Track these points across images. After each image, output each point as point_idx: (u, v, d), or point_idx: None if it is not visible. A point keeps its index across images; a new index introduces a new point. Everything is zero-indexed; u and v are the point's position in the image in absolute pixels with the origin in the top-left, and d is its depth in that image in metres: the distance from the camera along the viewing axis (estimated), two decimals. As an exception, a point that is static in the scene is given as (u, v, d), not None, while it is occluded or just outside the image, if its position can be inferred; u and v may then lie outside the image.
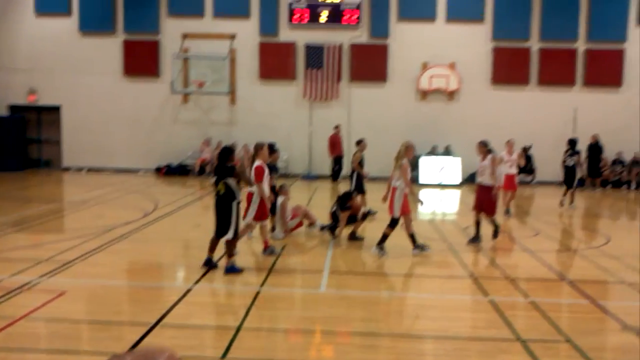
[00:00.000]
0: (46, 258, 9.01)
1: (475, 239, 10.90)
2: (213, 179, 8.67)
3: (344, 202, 11.06)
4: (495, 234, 10.88)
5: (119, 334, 6.20)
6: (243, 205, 9.37)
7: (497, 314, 6.94)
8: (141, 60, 22.78)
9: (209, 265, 8.66)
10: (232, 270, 8.48)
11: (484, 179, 10.82)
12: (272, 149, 11.02)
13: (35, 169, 23.01)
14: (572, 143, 16.32)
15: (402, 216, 9.72)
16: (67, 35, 22.87)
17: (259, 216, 9.61)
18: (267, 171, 9.61)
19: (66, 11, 22.75)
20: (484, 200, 10.78)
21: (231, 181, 8.37)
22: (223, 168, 8.43)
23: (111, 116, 22.93)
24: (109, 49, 22.81)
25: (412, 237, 9.93)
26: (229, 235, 8.44)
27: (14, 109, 23.29)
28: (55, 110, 23.19)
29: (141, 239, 10.90)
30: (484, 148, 10.93)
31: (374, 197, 13.31)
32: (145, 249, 10.24)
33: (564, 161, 16.30)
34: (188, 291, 7.62)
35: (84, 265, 8.76)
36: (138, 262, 9.52)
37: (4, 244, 10.15)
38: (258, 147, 9.67)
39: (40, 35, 22.84)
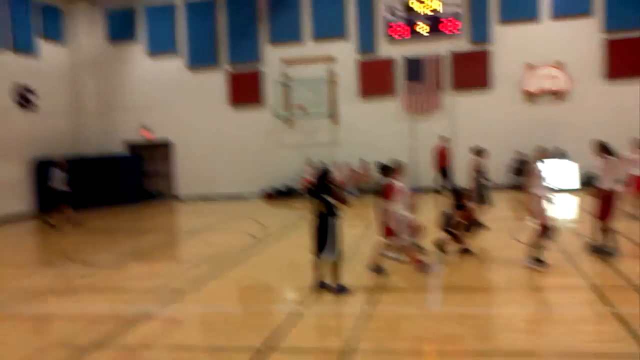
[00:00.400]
0: (161, 287, 9.41)
1: (602, 248, 10.09)
2: (311, 199, 8.70)
3: (456, 200, 10.64)
4: (599, 248, 10.05)
5: (231, 358, 6.29)
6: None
7: (623, 327, 6.39)
8: (245, 90, 23.57)
9: (322, 286, 8.63)
10: (341, 290, 8.43)
11: (601, 182, 10.09)
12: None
13: (150, 201, 24.31)
14: None
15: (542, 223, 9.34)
16: (176, 72, 24.14)
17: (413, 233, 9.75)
18: (405, 189, 9.64)
19: (175, 49, 24.05)
20: (599, 205, 10.02)
21: (329, 199, 8.37)
22: (321, 187, 8.49)
23: (219, 146, 23.84)
24: (215, 81, 23.81)
25: (535, 247, 9.46)
26: (331, 254, 8.40)
27: (130, 145, 24.78)
28: (167, 144, 24.46)
29: (250, 264, 11.15)
30: (600, 148, 10.21)
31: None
32: (255, 274, 10.44)
33: None
34: (298, 314, 7.64)
35: (196, 293, 9.06)
36: (248, 287, 9.69)
37: (122, 274, 10.74)
38: (396, 166, 9.68)
39: (152, 74, 24.29)
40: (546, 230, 9.33)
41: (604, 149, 10.17)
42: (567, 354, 5.85)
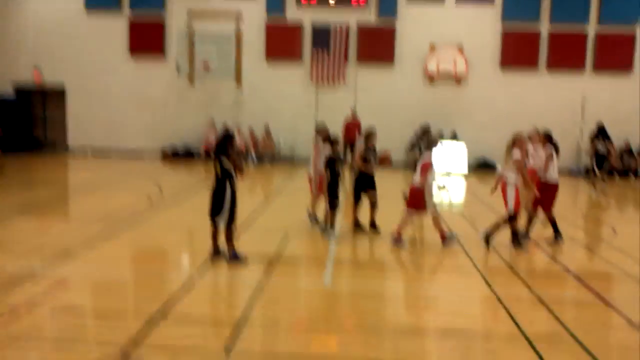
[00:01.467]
0: (50, 245, 9.01)
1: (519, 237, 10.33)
2: (212, 161, 8.60)
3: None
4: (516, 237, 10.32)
5: (120, 323, 6.17)
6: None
7: (502, 309, 6.89)
8: (147, 39, 22.66)
9: (217, 254, 8.59)
10: (234, 258, 8.43)
11: (546, 173, 10.15)
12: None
13: (40, 150, 22.96)
14: (603, 129, 16.16)
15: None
16: (72, 13, 22.74)
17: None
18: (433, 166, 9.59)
19: (72, -12, 22.59)
20: (547, 198, 10.19)
21: (226, 162, 8.32)
22: (220, 149, 8.39)
23: (116, 96, 22.87)
24: (115, 27, 22.68)
25: (514, 234, 9.74)
26: (223, 216, 8.36)
27: (19, 88, 23.23)
28: (60, 89, 23.11)
29: (146, 226, 10.88)
30: (546, 139, 10.18)
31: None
32: (150, 236, 10.23)
33: (596, 148, 16.12)
34: (191, 280, 7.60)
35: (87, 253, 8.75)
36: (142, 250, 9.51)
37: (8, 230, 10.16)
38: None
39: (46, 13, 22.73)
40: (514, 217, 9.53)
41: (550, 140, 10.19)
42: (451, 331, 6.23)
